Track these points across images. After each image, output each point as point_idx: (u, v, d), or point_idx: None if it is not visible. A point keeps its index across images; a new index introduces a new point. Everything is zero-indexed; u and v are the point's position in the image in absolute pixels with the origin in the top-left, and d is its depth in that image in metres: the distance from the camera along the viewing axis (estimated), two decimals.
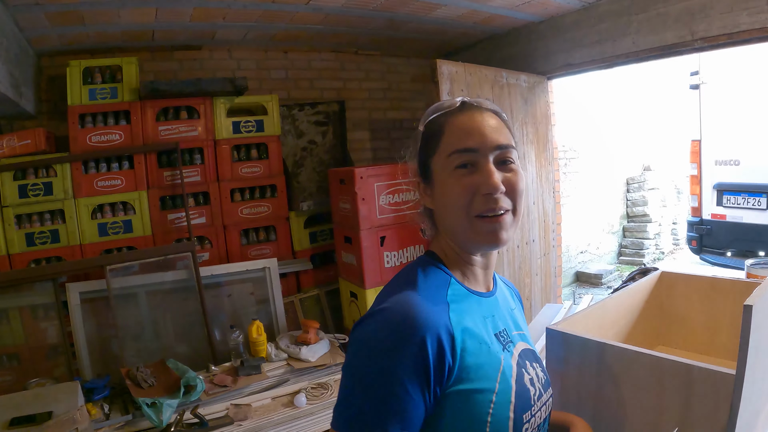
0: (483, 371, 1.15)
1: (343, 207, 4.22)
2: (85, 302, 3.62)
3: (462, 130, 1.23)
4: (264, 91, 4.78)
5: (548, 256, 5.12)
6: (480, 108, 1.27)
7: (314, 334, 3.83)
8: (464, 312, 1.20)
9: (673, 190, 10.94)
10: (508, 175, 1.21)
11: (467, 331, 1.16)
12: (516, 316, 1.41)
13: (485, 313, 1.26)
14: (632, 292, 2.41)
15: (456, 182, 1.21)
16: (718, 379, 1.36)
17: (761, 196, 6.41)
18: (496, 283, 1.39)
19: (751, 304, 1.29)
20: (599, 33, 4.24)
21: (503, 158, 1.22)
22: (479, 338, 1.18)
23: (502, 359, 1.20)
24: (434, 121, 1.29)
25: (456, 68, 4.04)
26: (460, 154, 1.21)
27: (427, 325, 1.09)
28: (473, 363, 1.14)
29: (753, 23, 3.36)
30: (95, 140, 3.87)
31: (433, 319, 1.11)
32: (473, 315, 1.22)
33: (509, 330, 1.31)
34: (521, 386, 1.21)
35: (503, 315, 1.33)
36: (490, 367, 1.17)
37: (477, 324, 1.21)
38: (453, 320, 1.15)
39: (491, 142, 1.20)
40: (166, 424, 2.79)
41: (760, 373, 1.51)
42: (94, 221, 3.87)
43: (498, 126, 1.24)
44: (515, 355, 1.26)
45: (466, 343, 1.15)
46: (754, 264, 3.49)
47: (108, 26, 3.75)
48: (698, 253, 7.26)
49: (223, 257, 4.32)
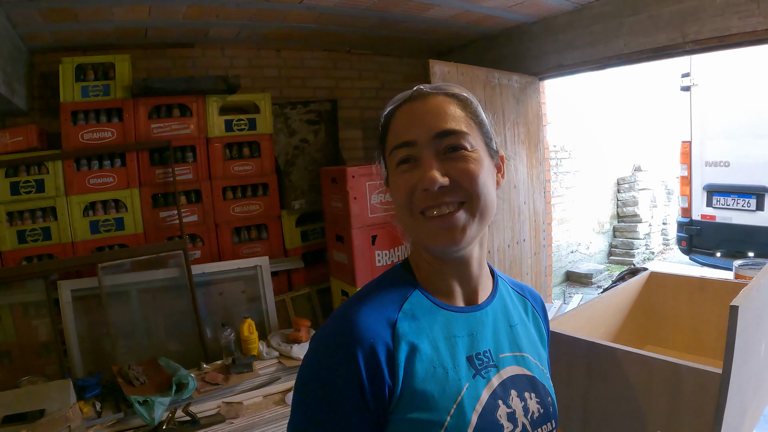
0: (433, 401, 1.00)
1: (335, 206, 4.23)
2: (76, 300, 3.62)
3: (402, 122, 1.11)
4: (256, 90, 4.77)
5: (538, 256, 5.14)
6: (431, 94, 1.12)
7: (305, 332, 3.84)
8: (421, 329, 1.06)
9: (663, 191, 10.98)
10: (458, 163, 1.06)
11: (418, 352, 1.02)
12: (517, 334, 1.20)
13: (458, 332, 1.10)
14: (621, 292, 2.44)
15: (397, 180, 1.09)
16: (705, 378, 1.38)
17: (751, 198, 6.45)
18: (494, 295, 1.21)
19: (737, 305, 1.31)
20: (591, 34, 4.26)
21: (451, 145, 1.06)
22: (434, 361, 1.04)
23: (465, 387, 1.04)
24: (386, 116, 1.17)
25: (448, 68, 4.05)
26: (399, 150, 1.09)
27: (360, 339, 0.98)
28: (421, 389, 1.00)
29: (744, 26, 3.38)
30: (87, 137, 3.87)
31: (368, 333, 0.99)
32: (435, 333, 1.07)
33: (494, 352, 1.13)
34: (487, 422, 1.03)
35: (490, 333, 1.15)
36: (443, 397, 1.01)
37: (438, 344, 1.06)
38: (399, 336, 1.02)
39: (430, 130, 1.06)
40: (158, 422, 2.79)
41: (747, 373, 1.53)
42: (85, 219, 3.87)
43: (447, 110, 1.09)
44: (493, 382, 1.08)
45: (413, 365, 1.01)
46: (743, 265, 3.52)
47: (101, 23, 3.74)
48: (688, 254, 7.30)
49: (214, 255, 4.32)
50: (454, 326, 1.10)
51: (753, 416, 1.80)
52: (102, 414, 2.94)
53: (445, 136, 1.07)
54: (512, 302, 1.26)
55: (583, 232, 9.67)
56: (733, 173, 6.61)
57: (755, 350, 1.65)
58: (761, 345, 1.72)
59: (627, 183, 10.36)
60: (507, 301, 1.25)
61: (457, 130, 1.07)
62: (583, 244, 9.67)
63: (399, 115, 1.12)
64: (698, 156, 6.98)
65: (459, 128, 1.08)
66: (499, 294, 1.23)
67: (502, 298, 1.23)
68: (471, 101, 1.15)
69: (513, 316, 1.23)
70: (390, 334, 1.02)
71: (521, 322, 1.24)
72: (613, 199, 10.43)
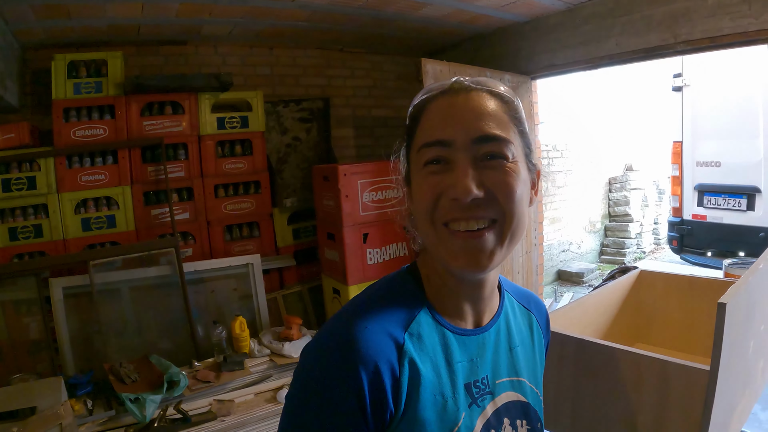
0: (431, 429, 0.93)
1: (327, 204, 4.24)
2: (68, 297, 3.61)
3: (437, 117, 0.97)
4: (249, 88, 4.76)
5: (530, 255, 5.15)
6: (472, 89, 0.98)
7: (297, 330, 3.84)
8: (426, 353, 0.96)
9: (654, 191, 11.02)
10: (496, 174, 0.93)
11: (422, 377, 0.93)
12: (517, 356, 1.12)
13: (459, 357, 1.01)
14: (612, 290, 2.45)
15: (422, 182, 0.96)
16: (693, 375, 1.40)
17: (741, 198, 6.50)
18: (499, 314, 1.11)
19: (725, 302, 1.32)
20: (583, 34, 4.27)
21: (490, 152, 0.93)
22: (436, 389, 0.95)
23: (462, 418, 0.97)
24: (416, 107, 1.03)
25: (440, 67, 4.06)
26: (429, 148, 0.95)
27: (365, 359, 0.88)
28: (421, 417, 0.92)
29: (735, 28, 3.40)
30: (79, 134, 3.86)
31: (373, 352, 0.89)
32: (438, 357, 0.98)
33: (491, 378, 1.05)
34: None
35: (490, 358, 1.06)
36: (441, 427, 0.94)
37: (440, 370, 0.97)
38: (404, 359, 0.92)
39: (471, 132, 0.93)
40: (149, 419, 2.79)
41: (735, 370, 1.55)
42: (77, 216, 3.86)
43: (491, 111, 0.95)
44: (487, 411, 1.02)
45: (416, 392, 0.92)
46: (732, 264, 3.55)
47: (94, 20, 3.73)
48: (679, 253, 7.34)
49: (206, 253, 4.32)
50: (456, 350, 1.01)
51: (742, 414, 1.82)
52: (93, 412, 2.94)
53: (486, 141, 0.93)
54: (515, 320, 1.17)
55: (574, 232, 9.69)
56: (724, 173, 6.66)
57: (744, 348, 1.66)
58: (750, 343, 1.74)
59: (618, 183, 10.40)
60: (511, 319, 1.15)
61: (500, 137, 0.94)
62: (574, 244, 9.69)
63: (433, 109, 0.98)
64: (689, 156, 7.03)
65: (503, 134, 0.94)
66: (504, 312, 1.13)
67: (506, 316, 1.14)
68: (516, 104, 1.02)
69: (515, 337, 1.13)
70: (396, 357, 0.92)
71: (522, 343, 1.15)
72: (605, 199, 10.46)
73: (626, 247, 9.96)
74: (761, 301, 1.85)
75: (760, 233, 6.32)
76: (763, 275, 1.81)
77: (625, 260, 9.71)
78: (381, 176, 4.16)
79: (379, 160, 4.41)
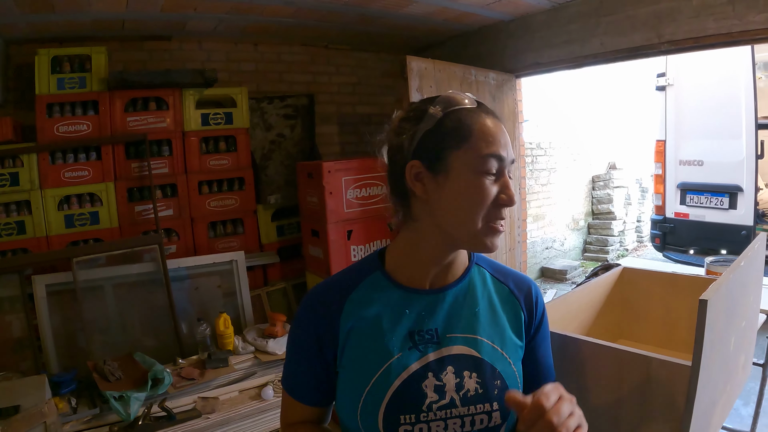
0: (365, 360, 1.23)
1: (311, 201, 4.24)
2: (51, 295, 3.57)
3: (492, 135, 1.18)
4: (233, 84, 4.75)
5: (513, 252, 5.17)
6: (495, 115, 1.25)
7: (281, 327, 3.83)
8: (371, 299, 1.27)
9: (637, 189, 11.11)
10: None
11: (362, 318, 1.25)
12: (479, 318, 1.30)
13: (407, 309, 1.26)
14: (595, 287, 2.47)
15: (482, 186, 1.17)
16: (675, 371, 1.41)
17: (724, 196, 6.57)
18: (460, 281, 1.32)
19: (706, 299, 1.34)
20: (568, 33, 4.30)
21: (509, 172, 1.23)
22: (376, 326, 1.24)
23: (397, 356, 1.21)
24: (458, 115, 1.20)
25: (425, 65, 4.07)
26: (492, 159, 1.17)
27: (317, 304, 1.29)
28: (359, 347, 1.24)
29: (719, 28, 3.44)
30: (63, 130, 3.82)
31: (325, 301, 1.28)
32: (383, 305, 1.26)
33: (441, 331, 1.26)
34: (409, 387, 1.20)
35: (442, 315, 1.27)
36: (374, 359, 1.22)
37: (384, 315, 1.25)
38: (350, 305, 1.27)
39: (510, 155, 1.21)
40: (134, 417, 2.78)
41: (717, 366, 1.57)
42: (60, 213, 3.83)
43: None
44: (429, 357, 1.23)
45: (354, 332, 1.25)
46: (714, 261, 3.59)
47: (78, 15, 3.69)
48: (661, 251, 7.42)
49: (190, 250, 4.31)
50: (405, 304, 1.27)
51: (723, 408, 1.85)
52: (77, 410, 2.92)
53: (512, 164, 1.23)
54: (484, 289, 1.35)
55: (558, 229, 9.76)
56: (707, 172, 6.75)
57: (725, 344, 1.69)
58: (731, 339, 1.76)
59: (602, 181, 10.47)
60: (478, 287, 1.34)
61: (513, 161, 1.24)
62: (558, 241, 9.75)
63: (484, 124, 1.20)
64: (672, 155, 7.10)
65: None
66: (468, 280, 1.34)
67: (471, 283, 1.34)
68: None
69: (480, 301, 1.32)
70: (340, 307, 1.26)
71: (489, 308, 1.33)
72: (588, 197, 10.53)
73: (609, 244, 10.04)
74: (742, 298, 1.89)
75: (742, 231, 6.41)
76: (744, 272, 1.85)
77: (608, 257, 9.79)
78: (365, 173, 4.17)
79: (364, 157, 4.42)
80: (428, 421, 1.19)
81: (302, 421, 1.37)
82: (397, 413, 1.18)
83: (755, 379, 3.63)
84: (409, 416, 1.18)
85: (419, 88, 4.00)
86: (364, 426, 1.21)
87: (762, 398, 3.67)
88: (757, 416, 3.69)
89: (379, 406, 1.18)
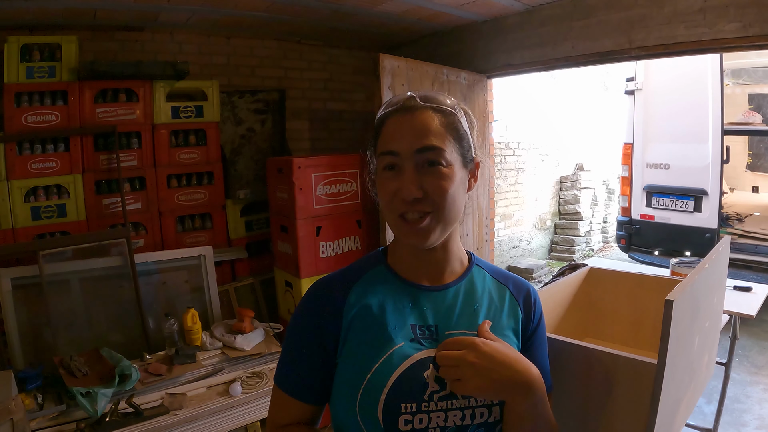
0: (368, 347, 1.23)
1: (281, 196, 4.23)
2: (16, 289, 3.51)
3: (391, 131, 1.25)
4: (205, 77, 4.70)
5: (481, 250, 5.20)
6: (419, 108, 1.25)
7: (249, 323, 3.83)
8: (376, 290, 1.30)
9: (604, 190, 11.25)
10: (432, 179, 1.21)
11: (366, 309, 1.27)
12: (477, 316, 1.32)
13: (410, 303, 1.29)
14: (562, 287, 2.49)
15: (383, 183, 1.26)
16: (641, 368, 1.45)
17: (689, 199, 6.69)
18: (461, 279, 1.36)
19: (672, 299, 1.38)
20: (540, 36, 4.34)
21: (429, 160, 1.22)
22: (378, 317, 1.26)
23: (399, 345, 1.22)
24: (380, 117, 1.30)
25: (398, 63, 4.07)
26: (386, 156, 1.24)
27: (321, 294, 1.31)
28: (362, 335, 1.25)
29: (689, 36, 3.50)
30: (31, 120, 3.75)
31: (330, 293, 1.30)
32: (387, 297, 1.29)
33: (441, 328, 1.28)
34: (411, 376, 1.20)
35: (443, 311, 1.30)
36: (377, 346, 1.23)
37: (387, 305, 1.28)
38: (354, 295, 1.29)
39: (413, 145, 1.21)
40: (101, 413, 2.76)
41: (681, 364, 1.61)
42: (27, 204, 3.76)
43: (431, 126, 1.23)
44: (430, 351, 1.24)
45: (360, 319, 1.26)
46: (678, 263, 3.67)
47: (49, 2, 3.61)
48: (627, 251, 7.54)
49: (158, 244, 4.27)
50: (408, 298, 1.31)
51: (687, 406, 1.90)
52: (44, 406, 2.88)
53: (424, 151, 1.21)
54: (484, 288, 1.38)
55: (525, 228, 9.84)
56: (673, 175, 6.87)
57: (689, 343, 1.73)
58: (695, 338, 1.80)
59: (569, 181, 10.57)
60: (478, 287, 1.37)
61: (435, 147, 1.22)
62: (525, 240, 9.83)
63: (391, 123, 1.26)
64: (639, 158, 7.22)
65: (437, 145, 1.22)
66: (468, 279, 1.37)
67: (471, 282, 1.37)
68: (455, 115, 1.28)
69: (479, 300, 1.35)
70: (344, 298, 1.29)
71: (489, 307, 1.35)
72: (556, 197, 10.63)
73: (575, 244, 10.15)
74: (706, 299, 1.93)
75: (706, 234, 6.53)
76: (709, 275, 1.89)
77: (574, 257, 9.90)
78: (335, 170, 4.18)
79: (334, 154, 4.43)
80: (429, 411, 1.18)
81: (295, 423, 1.33)
82: (398, 401, 1.17)
83: (718, 378, 3.73)
84: (411, 405, 1.18)
85: (391, 86, 4.00)
86: (363, 417, 1.19)
87: (724, 396, 3.77)
88: (720, 414, 3.79)
89: (381, 392, 1.17)
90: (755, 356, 5.44)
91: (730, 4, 3.33)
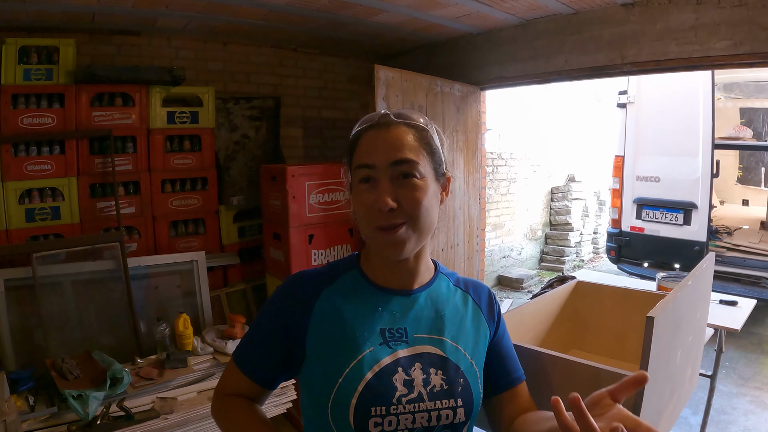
0: (337, 352, 1.29)
1: (274, 203, 4.24)
2: (9, 290, 3.51)
3: (366, 145, 1.30)
4: (200, 83, 4.73)
5: (472, 260, 5.24)
6: (394, 123, 1.31)
7: (240, 329, 3.83)
8: (347, 295, 1.36)
9: (595, 202, 11.32)
10: (406, 191, 1.26)
11: (337, 311, 1.33)
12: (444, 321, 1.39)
13: (380, 307, 1.35)
14: (550, 299, 2.54)
15: (358, 195, 1.30)
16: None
17: (678, 212, 6.76)
18: (428, 286, 1.42)
19: (653, 316, 1.43)
20: (534, 49, 4.38)
21: (403, 172, 1.26)
22: (349, 320, 1.32)
23: (369, 351, 1.28)
24: (355, 132, 1.35)
25: (393, 74, 4.11)
26: (361, 169, 1.28)
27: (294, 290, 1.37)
28: (331, 339, 1.30)
29: (680, 53, 3.55)
30: (27, 122, 3.75)
31: (302, 289, 1.36)
32: (358, 302, 1.35)
33: (410, 331, 1.34)
34: (381, 380, 1.26)
35: (411, 316, 1.36)
36: (347, 352, 1.28)
37: (357, 309, 1.34)
38: (322, 299, 1.34)
39: (388, 158, 1.26)
40: (92, 416, 2.77)
41: (663, 377, 1.67)
42: (21, 206, 3.76)
43: (406, 142, 1.28)
44: (398, 353, 1.30)
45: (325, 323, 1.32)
46: (665, 277, 3.72)
47: (48, 5, 3.62)
48: (616, 263, 7.61)
49: (151, 248, 4.28)
50: (378, 302, 1.36)
51: (669, 418, 1.94)
52: (35, 408, 2.88)
53: (399, 164, 1.26)
54: (448, 295, 1.45)
55: (516, 238, 9.88)
56: (663, 188, 6.94)
57: (672, 357, 1.78)
58: (677, 352, 1.85)
59: (561, 192, 10.64)
60: (442, 293, 1.44)
61: (409, 160, 1.27)
62: (515, 250, 9.87)
63: (366, 138, 1.31)
64: (630, 170, 7.29)
65: (411, 158, 1.27)
66: (435, 286, 1.44)
67: (437, 289, 1.44)
68: (427, 131, 1.34)
69: (445, 306, 1.42)
70: (315, 297, 1.34)
71: (454, 313, 1.42)
72: (547, 208, 10.69)
73: (566, 255, 10.21)
74: (689, 315, 1.99)
75: (695, 247, 6.60)
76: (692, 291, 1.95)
77: (564, 268, 9.95)
78: (328, 178, 4.20)
79: (327, 162, 4.45)
80: (398, 414, 1.24)
81: (239, 394, 1.42)
82: (368, 405, 1.23)
83: (704, 390, 3.76)
84: (380, 408, 1.23)
85: (385, 96, 4.03)
86: (335, 420, 1.25)
87: (710, 408, 3.81)
88: (705, 425, 3.83)
89: (351, 397, 1.23)
90: (742, 368, 5.49)
91: (722, 22, 3.38)
